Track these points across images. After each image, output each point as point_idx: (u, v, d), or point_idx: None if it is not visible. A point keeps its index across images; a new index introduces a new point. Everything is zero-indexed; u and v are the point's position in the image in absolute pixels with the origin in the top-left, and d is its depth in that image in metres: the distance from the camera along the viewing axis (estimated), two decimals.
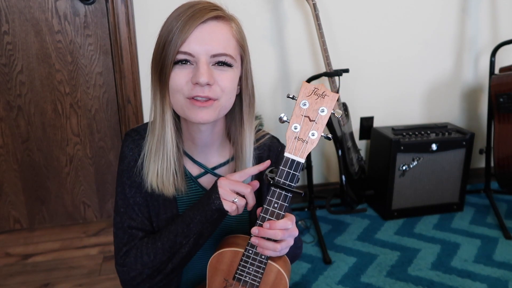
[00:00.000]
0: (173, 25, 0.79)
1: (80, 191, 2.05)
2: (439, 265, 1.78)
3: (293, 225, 0.83)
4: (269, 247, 0.81)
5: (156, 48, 0.83)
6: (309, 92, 0.76)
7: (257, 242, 0.82)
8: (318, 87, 0.77)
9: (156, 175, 0.87)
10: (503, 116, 2.01)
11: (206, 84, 0.79)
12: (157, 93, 0.84)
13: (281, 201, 0.80)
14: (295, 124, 0.76)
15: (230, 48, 0.82)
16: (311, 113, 0.76)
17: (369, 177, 2.23)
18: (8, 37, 1.79)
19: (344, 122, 1.95)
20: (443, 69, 2.32)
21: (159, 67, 0.82)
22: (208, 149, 0.94)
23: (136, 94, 1.93)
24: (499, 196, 2.33)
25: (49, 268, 1.76)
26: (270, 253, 0.82)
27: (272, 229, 0.80)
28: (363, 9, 2.10)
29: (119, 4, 1.79)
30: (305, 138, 0.76)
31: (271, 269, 0.87)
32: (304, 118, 0.76)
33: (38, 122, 1.92)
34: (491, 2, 2.26)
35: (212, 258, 0.90)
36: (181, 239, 0.87)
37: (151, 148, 0.88)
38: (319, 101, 0.76)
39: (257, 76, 0.94)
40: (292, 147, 0.77)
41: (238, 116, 0.91)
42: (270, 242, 0.81)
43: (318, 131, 0.76)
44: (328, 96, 0.76)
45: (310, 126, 0.76)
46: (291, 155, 0.77)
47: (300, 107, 0.76)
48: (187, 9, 0.81)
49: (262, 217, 0.82)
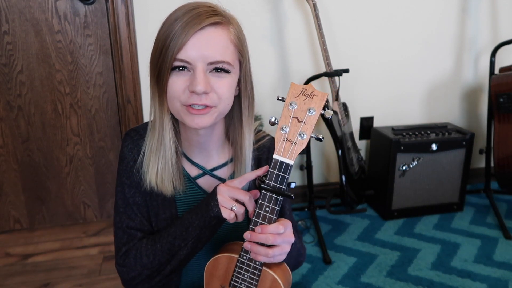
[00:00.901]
0: (170, 31, 0.78)
1: (80, 191, 2.05)
2: (439, 265, 1.78)
3: (287, 230, 0.81)
4: (261, 252, 0.80)
5: (154, 52, 0.83)
6: (297, 93, 0.75)
7: (249, 247, 0.81)
8: (306, 87, 0.76)
9: (155, 173, 0.87)
10: (503, 116, 2.01)
11: (203, 92, 0.78)
12: (156, 96, 0.84)
13: (272, 205, 0.79)
14: (283, 126, 0.76)
15: (228, 54, 0.81)
16: (300, 114, 0.75)
17: (369, 177, 2.23)
18: (8, 37, 1.79)
19: (344, 122, 1.95)
20: (443, 69, 2.32)
21: (156, 72, 0.82)
22: (207, 150, 0.93)
23: (136, 94, 1.93)
24: (499, 196, 2.33)
25: (49, 268, 1.76)
26: (262, 259, 0.81)
27: (263, 234, 0.79)
28: (363, 9, 2.10)
29: (119, 4, 1.79)
30: (294, 139, 0.75)
31: (266, 276, 0.85)
32: (292, 119, 0.75)
33: (38, 122, 1.92)
34: (491, 2, 2.26)
35: (208, 264, 0.89)
36: (180, 242, 0.87)
37: (151, 147, 0.88)
38: (307, 102, 0.75)
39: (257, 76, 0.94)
40: (280, 148, 0.76)
41: (237, 118, 0.91)
42: (263, 247, 0.80)
43: (307, 132, 0.75)
44: (317, 96, 0.75)
45: (299, 127, 0.75)
46: (280, 157, 0.76)
47: (288, 108, 0.75)
48: (184, 13, 0.79)
49: (254, 222, 0.80)
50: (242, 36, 0.86)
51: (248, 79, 0.88)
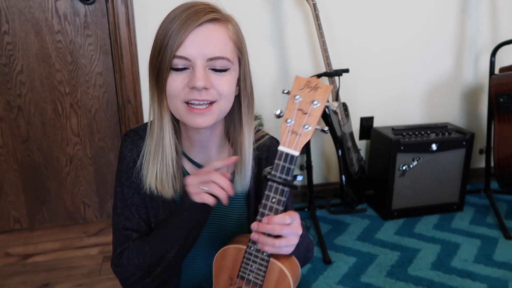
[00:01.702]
0: (169, 29, 0.78)
1: (80, 191, 2.05)
2: (439, 265, 1.78)
3: (294, 222, 0.81)
4: (268, 242, 0.80)
5: (152, 52, 0.82)
6: (302, 86, 0.76)
7: (256, 237, 0.81)
8: (311, 80, 0.76)
9: (155, 177, 0.87)
10: (503, 116, 2.01)
11: (203, 88, 0.78)
12: (155, 96, 0.84)
13: (279, 196, 0.79)
14: (288, 118, 0.76)
15: (227, 51, 0.81)
16: (304, 106, 0.76)
17: (369, 177, 2.23)
18: (8, 37, 1.79)
19: (344, 122, 1.96)
20: (443, 69, 2.32)
21: (155, 72, 0.81)
22: (207, 150, 0.93)
23: (136, 94, 1.93)
24: (499, 196, 2.33)
25: (49, 268, 1.76)
26: (269, 249, 0.81)
27: (270, 224, 0.79)
28: (363, 9, 2.10)
29: (119, 4, 1.79)
30: (299, 131, 0.76)
31: (274, 267, 0.86)
32: (297, 112, 0.76)
33: (38, 122, 1.92)
34: (491, 2, 2.26)
35: (217, 255, 0.89)
36: (165, 244, 0.87)
37: (150, 150, 0.87)
38: (311, 94, 0.75)
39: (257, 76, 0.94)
40: (285, 140, 0.76)
41: (237, 117, 0.91)
42: (270, 238, 0.80)
43: (312, 124, 0.75)
44: (321, 88, 0.75)
45: (304, 119, 0.75)
46: (285, 148, 0.77)
47: (293, 101, 0.76)
48: (182, 11, 0.79)
49: (261, 213, 0.81)
50: (241, 34, 0.86)
51: (248, 79, 0.88)
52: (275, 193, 0.79)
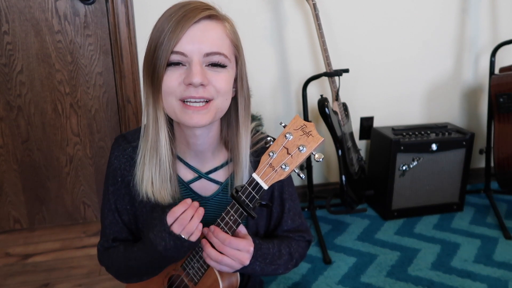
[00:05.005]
0: (165, 26, 0.77)
1: (80, 191, 2.05)
2: (439, 265, 1.78)
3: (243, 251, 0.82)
4: (211, 256, 0.82)
5: (147, 51, 0.81)
6: (297, 126, 0.76)
7: (203, 244, 0.83)
8: (308, 125, 0.76)
9: (151, 183, 0.86)
10: (503, 116, 2.01)
11: (199, 84, 0.77)
12: (150, 97, 0.82)
13: (237, 216, 0.80)
14: (272, 151, 0.76)
15: (224, 47, 0.80)
16: (291, 147, 0.75)
17: (369, 177, 2.23)
18: (8, 37, 1.79)
19: (344, 122, 1.96)
20: (443, 69, 2.32)
21: (151, 70, 0.79)
22: (203, 153, 0.91)
23: (136, 94, 1.93)
24: (499, 196, 2.33)
25: (49, 268, 1.76)
26: (210, 262, 0.83)
27: (214, 235, 0.81)
28: (363, 9, 2.10)
29: (119, 4, 1.79)
30: (276, 167, 0.76)
31: (211, 274, 0.88)
32: (282, 148, 0.76)
33: (38, 122, 1.92)
34: (491, 2, 2.26)
35: None
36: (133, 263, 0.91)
37: (144, 155, 0.86)
38: (302, 138, 0.75)
39: (257, 76, 0.94)
40: (261, 170, 0.77)
41: (234, 119, 0.89)
42: (214, 252, 0.82)
43: (291, 166, 0.75)
44: (313, 137, 0.75)
45: (285, 158, 0.75)
46: (258, 178, 0.77)
47: (283, 137, 0.76)
48: (178, 9, 0.79)
49: (217, 223, 0.83)
50: (237, 33, 0.85)
51: (244, 79, 0.87)
52: (234, 212, 0.80)
